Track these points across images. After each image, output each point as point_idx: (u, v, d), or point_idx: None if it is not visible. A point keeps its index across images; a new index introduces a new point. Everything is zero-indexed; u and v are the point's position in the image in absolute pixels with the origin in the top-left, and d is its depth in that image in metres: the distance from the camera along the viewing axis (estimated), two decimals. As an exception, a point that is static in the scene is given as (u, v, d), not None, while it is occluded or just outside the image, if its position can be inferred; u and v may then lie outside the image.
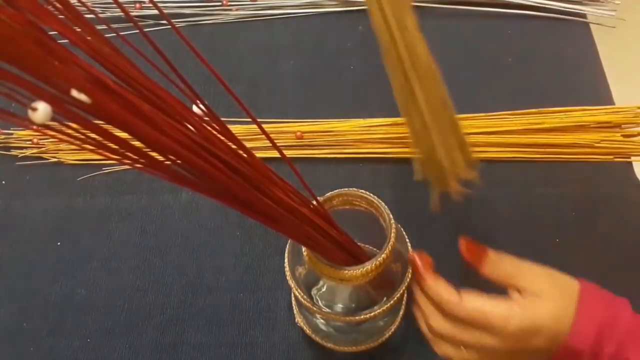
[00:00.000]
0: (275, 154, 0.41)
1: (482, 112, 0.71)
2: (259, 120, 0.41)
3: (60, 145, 0.72)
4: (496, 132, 0.70)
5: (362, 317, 0.50)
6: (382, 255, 0.46)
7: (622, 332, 0.41)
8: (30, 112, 0.25)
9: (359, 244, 0.49)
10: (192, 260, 0.65)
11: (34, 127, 0.26)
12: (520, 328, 0.42)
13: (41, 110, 0.25)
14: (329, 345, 0.57)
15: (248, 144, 0.38)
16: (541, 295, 0.43)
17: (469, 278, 0.63)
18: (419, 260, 0.47)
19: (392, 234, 0.47)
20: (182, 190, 0.70)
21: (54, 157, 0.71)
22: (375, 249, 0.50)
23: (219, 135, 0.34)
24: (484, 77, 0.72)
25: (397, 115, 0.69)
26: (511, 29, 0.81)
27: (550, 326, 0.42)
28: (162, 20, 0.78)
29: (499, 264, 0.45)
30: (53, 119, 0.27)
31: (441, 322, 0.46)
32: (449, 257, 0.64)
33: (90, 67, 0.26)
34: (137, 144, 0.31)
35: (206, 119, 0.34)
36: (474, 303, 0.44)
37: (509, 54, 0.77)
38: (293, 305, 0.60)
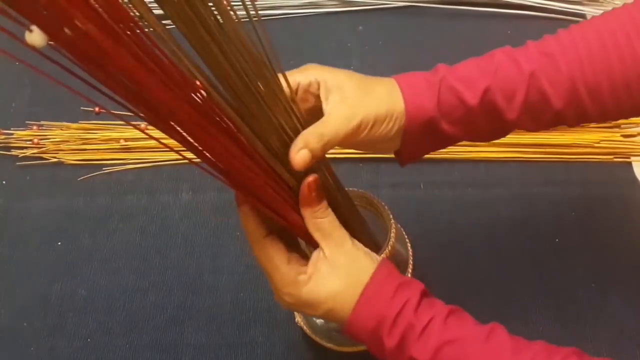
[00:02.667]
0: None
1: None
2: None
3: (61, 145, 0.72)
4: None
5: (362, 317, 0.50)
6: (382, 255, 0.46)
7: (404, 328, 0.41)
8: (26, 34, 0.25)
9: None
10: (192, 260, 0.65)
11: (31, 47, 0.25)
12: (297, 299, 0.43)
13: (36, 31, 0.25)
14: (329, 345, 0.57)
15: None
16: (334, 270, 0.42)
17: (469, 278, 0.63)
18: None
19: (392, 234, 0.47)
20: (182, 190, 0.70)
21: (54, 157, 0.71)
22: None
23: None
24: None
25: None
26: (511, 29, 0.81)
27: (329, 305, 0.42)
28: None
29: (320, 219, 0.42)
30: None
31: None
32: (449, 257, 0.65)
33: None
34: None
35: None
36: (268, 251, 0.43)
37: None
38: (293, 305, 0.60)
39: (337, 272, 0.42)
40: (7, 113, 0.76)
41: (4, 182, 0.71)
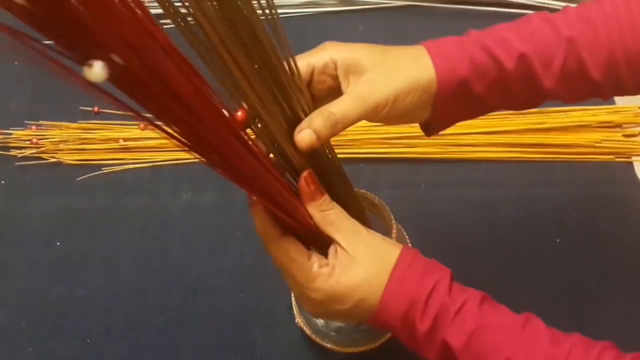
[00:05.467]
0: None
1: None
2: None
3: (60, 145, 0.72)
4: (496, 132, 0.70)
5: (362, 317, 0.50)
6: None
7: (437, 309, 0.40)
8: (85, 69, 0.24)
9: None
10: (192, 260, 0.65)
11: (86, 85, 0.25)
12: (326, 294, 0.41)
13: (96, 67, 0.24)
14: (329, 345, 0.57)
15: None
16: (356, 259, 0.41)
17: (470, 276, 0.63)
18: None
19: (393, 234, 0.47)
20: (182, 191, 0.70)
21: (53, 157, 0.71)
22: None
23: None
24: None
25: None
26: (511, 29, 0.81)
27: (359, 294, 0.40)
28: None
29: (326, 211, 0.41)
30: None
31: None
32: (449, 257, 0.64)
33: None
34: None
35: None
36: (288, 249, 0.41)
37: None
38: (293, 306, 0.60)
39: (359, 260, 0.40)
40: (7, 113, 0.76)
41: (3, 182, 0.71)
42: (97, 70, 0.24)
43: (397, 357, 0.59)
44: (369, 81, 0.41)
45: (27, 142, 0.72)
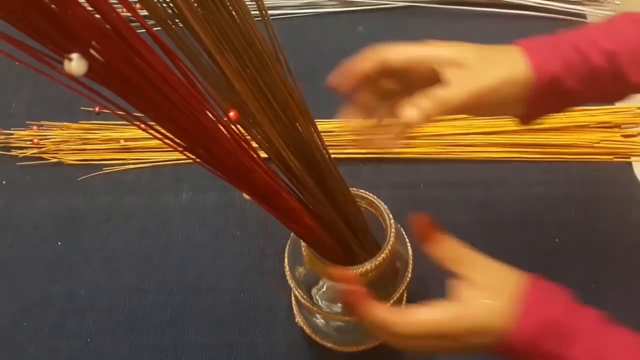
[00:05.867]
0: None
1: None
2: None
3: (61, 146, 0.72)
4: (496, 132, 0.70)
5: (362, 317, 0.50)
6: (382, 255, 0.46)
7: (562, 331, 0.40)
8: (66, 63, 0.25)
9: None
10: (192, 260, 0.65)
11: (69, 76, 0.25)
12: (465, 329, 0.40)
13: (75, 59, 0.24)
14: (329, 345, 0.57)
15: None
16: (484, 290, 0.41)
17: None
18: (351, 288, 0.42)
19: (392, 234, 0.47)
20: (182, 190, 0.70)
21: (54, 158, 0.71)
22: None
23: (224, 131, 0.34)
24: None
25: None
26: (511, 29, 0.81)
27: (490, 324, 0.40)
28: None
29: (445, 247, 0.44)
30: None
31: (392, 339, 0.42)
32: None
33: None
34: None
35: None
36: (420, 317, 0.41)
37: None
38: (293, 305, 0.60)
39: (486, 289, 0.41)
40: (7, 113, 0.76)
41: (4, 182, 0.71)
42: (76, 63, 0.25)
43: (397, 356, 0.59)
44: (472, 71, 0.44)
45: (28, 142, 0.73)
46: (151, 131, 0.32)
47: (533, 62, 0.44)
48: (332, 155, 0.44)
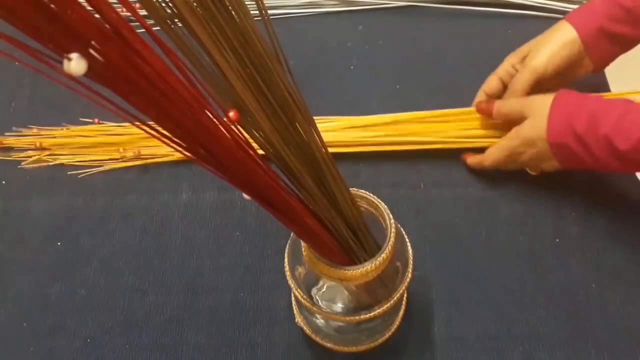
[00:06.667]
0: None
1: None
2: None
3: (61, 146, 0.72)
4: (496, 136, 0.70)
5: (362, 317, 0.50)
6: (382, 255, 0.46)
7: (589, 113, 0.56)
8: (65, 63, 0.25)
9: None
10: (192, 260, 0.65)
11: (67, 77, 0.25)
12: (521, 142, 0.62)
13: (74, 59, 0.24)
14: (329, 345, 0.57)
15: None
16: (530, 116, 0.61)
17: (469, 278, 0.63)
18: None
19: (392, 234, 0.47)
20: (182, 190, 0.70)
21: (54, 158, 0.71)
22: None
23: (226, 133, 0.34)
24: (484, 77, 0.72)
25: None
26: (511, 29, 0.81)
27: (534, 136, 0.60)
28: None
29: (503, 108, 0.65)
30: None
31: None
32: (449, 257, 0.65)
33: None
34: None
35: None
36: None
37: (509, 54, 0.77)
38: (293, 305, 0.60)
39: (529, 117, 0.62)
40: (7, 113, 0.76)
41: (3, 182, 0.71)
42: (75, 63, 0.25)
43: (397, 356, 0.59)
44: (529, 55, 0.65)
45: (28, 143, 0.72)
46: (151, 131, 0.32)
47: (574, 21, 0.63)
48: (332, 151, 0.44)
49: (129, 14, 0.27)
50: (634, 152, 0.54)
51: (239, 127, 0.36)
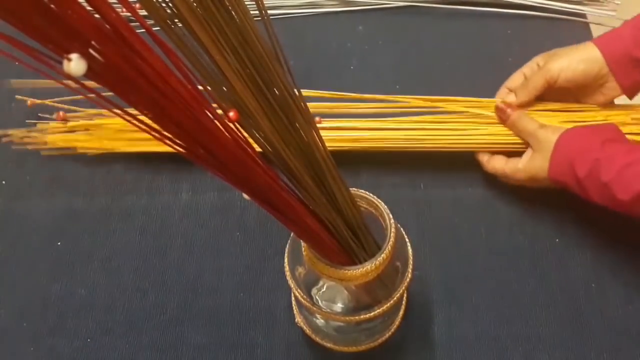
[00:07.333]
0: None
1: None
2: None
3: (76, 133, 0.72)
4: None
5: (362, 317, 0.50)
6: (382, 255, 0.46)
7: (592, 160, 0.57)
8: (65, 63, 0.25)
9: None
10: (192, 260, 0.65)
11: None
12: (524, 178, 0.64)
13: (74, 59, 0.24)
14: (329, 345, 0.57)
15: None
16: (534, 151, 0.63)
17: (469, 278, 0.63)
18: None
19: (392, 234, 0.47)
20: (182, 190, 0.70)
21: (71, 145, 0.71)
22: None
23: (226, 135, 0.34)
24: (484, 77, 0.72)
25: (398, 114, 0.69)
26: (511, 29, 0.81)
27: (538, 174, 0.62)
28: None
29: (518, 124, 0.65)
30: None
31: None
32: (449, 257, 0.65)
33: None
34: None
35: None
36: (499, 163, 0.66)
37: (509, 54, 0.77)
38: (293, 305, 0.60)
39: (536, 151, 0.63)
40: (7, 113, 0.76)
41: (3, 182, 0.71)
42: (75, 63, 0.25)
43: (397, 356, 0.59)
44: (550, 58, 0.66)
45: (26, 139, 0.72)
46: (151, 131, 0.32)
47: (597, 42, 0.63)
48: (330, 148, 0.44)
49: (129, 14, 0.27)
50: (633, 203, 0.54)
51: (239, 127, 0.36)
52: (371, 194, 0.49)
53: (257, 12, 0.37)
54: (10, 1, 0.23)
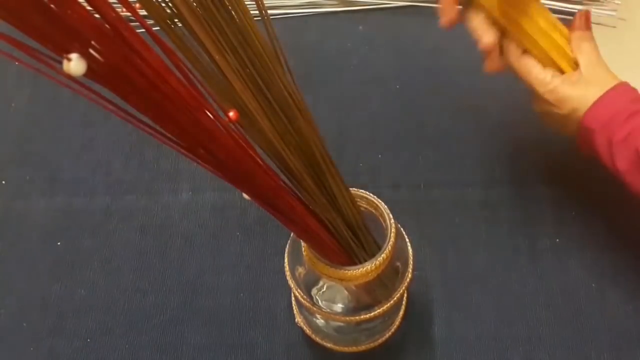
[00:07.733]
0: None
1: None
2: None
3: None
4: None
5: (362, 317, 0.50)
6: (382, 255, 0.46)
7: (635, 125, 0.51)
8: (65, 63, 0.25)
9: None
10: (192, 260, 0.65)
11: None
12: (550, 99, 0.55)
13: (74, 59, 0.24)
14: (329, 345, 0.57)
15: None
16: (583, 78, 0.55)
17: (469, 278, 0.63)
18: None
19: (392, 234, 0.47)
20: (182, 190, 0.70)
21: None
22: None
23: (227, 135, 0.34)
24: (484, 77, 0.71)
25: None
26: (511, 29, 0.81)
27: (573, 103, 0.54)
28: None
29: (579, 42, 0.57)
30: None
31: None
32: (449, 257, 0.65)
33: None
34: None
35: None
36: (525, 61, 0.57)
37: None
38: (293, 305, 0.60)
39: (585, 80, 0.54)
40: (7, 113, 0.76)
41: (3, 182, 0.71)
42: (75, 63, 0.25)
43: (397, 357, 0.59)
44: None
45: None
46: (151, 131, 0.32)
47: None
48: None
49: (129, 14, 0.27)
50: None
51: (239, 127, 0.36)
52: (371, 194, 0.49)
53: (257, 12, 0.37)
54: (10, 1, 0.23)
